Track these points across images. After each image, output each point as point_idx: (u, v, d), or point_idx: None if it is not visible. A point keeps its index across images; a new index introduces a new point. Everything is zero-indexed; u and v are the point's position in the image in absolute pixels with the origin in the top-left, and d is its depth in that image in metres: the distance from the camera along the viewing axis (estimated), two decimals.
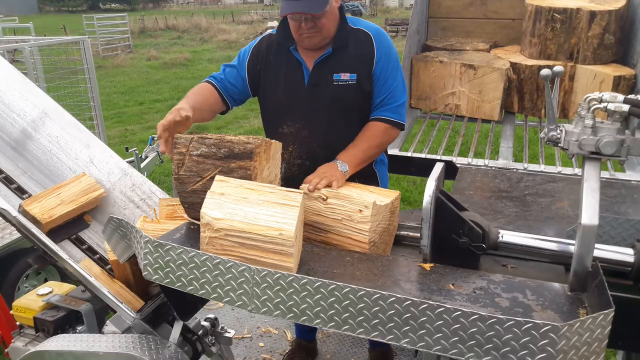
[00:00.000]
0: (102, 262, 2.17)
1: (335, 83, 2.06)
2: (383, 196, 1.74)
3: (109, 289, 1.87)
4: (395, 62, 2.10)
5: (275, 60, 2.13)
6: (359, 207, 1.64)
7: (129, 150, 4.43)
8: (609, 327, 1.11)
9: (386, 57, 2.07)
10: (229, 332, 2.08)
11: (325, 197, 1.71)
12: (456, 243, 1.53)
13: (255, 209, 1.49)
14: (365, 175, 2.06)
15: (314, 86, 2.07)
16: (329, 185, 1.77)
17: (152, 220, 2.02)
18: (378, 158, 2.20)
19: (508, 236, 1.56)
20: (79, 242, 2.22)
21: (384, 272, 1.49)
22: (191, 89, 2.13)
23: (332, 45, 2.05)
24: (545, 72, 1.45)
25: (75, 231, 2.24)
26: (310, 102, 2.08)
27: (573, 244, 1.42)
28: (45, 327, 1.97)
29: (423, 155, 2.70)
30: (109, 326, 2.01)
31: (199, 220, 1.55)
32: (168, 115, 1.82)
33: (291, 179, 2.05)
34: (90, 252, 2.20)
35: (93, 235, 2.29)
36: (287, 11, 1.94)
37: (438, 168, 1.61)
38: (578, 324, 1.11)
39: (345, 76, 2.05)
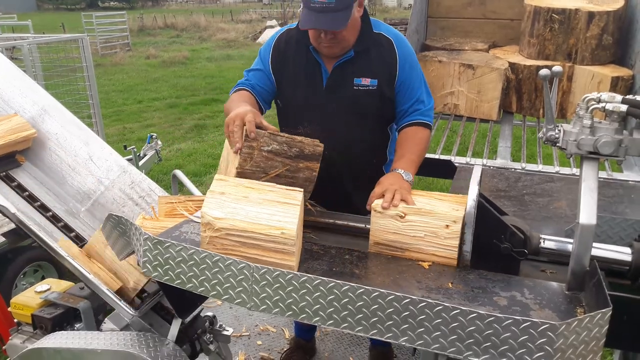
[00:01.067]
0: (31, 199, 2.18)
1: (355, 87, 2.00)
2: (457, 204, 1.57)
3: (88, 269, 1.87)
4: (418, 67, 2.06)
5: (294, 58, 2.06)
6: (446, 223, 1.50)
7: (128, 149, 4.42)
8: (607, 326, 1.11)
9: (410, 63, 2.02)
10: (227, 330, 2.09)
11: (403, 215, 1.56)
12: (497, 248, 1.48)
13: (256, 208, 1.49)
14: (377, 178, 1.90)
15: (332, 89, 2.01)
16: (403, 200, 1.60)
17: (152, 218, 2.02)
18: (388, 160, 2.18)
19: (549, 242, 1.52)
20: (9, 180, 2.23)
21: (382, 271, 1.50)
22: (232, 98, 1.98)
23: (354, 48, 1.98)
24: (544, 72, 1.44)
25: (5, 169, 2.25)
26: (328, 105, 2.02)
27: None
28: (43, 325, 1.97)
29: None
30: (107, 323, 2.02)
31: None
32: (243, 112, 1.65)
33: None
34: (19, 189, 2.22)
35: (25, 175, 2.30)
36: (307, 26, 1.87)
37: (477, 171, 1.56)
38: (576, 322, 1.11)
39: (366, 81, 1.99)
